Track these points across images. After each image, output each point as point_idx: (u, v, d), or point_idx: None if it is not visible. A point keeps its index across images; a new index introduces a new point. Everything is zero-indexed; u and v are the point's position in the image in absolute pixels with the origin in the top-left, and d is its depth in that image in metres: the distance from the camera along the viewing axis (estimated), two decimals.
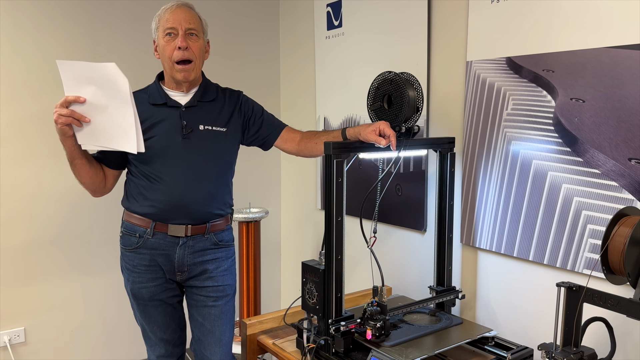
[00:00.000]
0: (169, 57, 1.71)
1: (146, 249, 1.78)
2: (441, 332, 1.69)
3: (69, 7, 2.41)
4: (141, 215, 1.77)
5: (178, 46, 1.69)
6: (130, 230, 1.80)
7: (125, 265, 1.84)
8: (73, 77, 1.52)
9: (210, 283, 1.84)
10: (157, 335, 1.87)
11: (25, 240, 2.39)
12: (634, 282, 1.20)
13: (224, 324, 1.86)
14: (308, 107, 2.81)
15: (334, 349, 1.59)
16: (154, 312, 1.84)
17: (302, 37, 2.84)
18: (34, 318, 2.44)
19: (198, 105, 1.79)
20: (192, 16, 1.73)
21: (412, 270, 2.21)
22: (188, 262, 1.80)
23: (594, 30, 1.53)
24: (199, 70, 1.78)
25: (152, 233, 1.76)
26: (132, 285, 1.82)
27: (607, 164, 1.51)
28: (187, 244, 1.78)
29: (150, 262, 1.79)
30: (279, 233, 3.15)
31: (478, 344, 1.68)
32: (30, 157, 2.38)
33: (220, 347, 1.86)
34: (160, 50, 1.75)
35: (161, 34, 1.73)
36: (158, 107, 1.77)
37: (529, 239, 1.73)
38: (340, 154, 1.56)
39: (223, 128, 1.81)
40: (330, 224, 1.57)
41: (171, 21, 1.70)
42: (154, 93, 1.79)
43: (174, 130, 1.74)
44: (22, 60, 2.33)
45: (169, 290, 1.84)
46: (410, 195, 2.18)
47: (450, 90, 2.00)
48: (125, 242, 1.82)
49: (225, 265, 1.87)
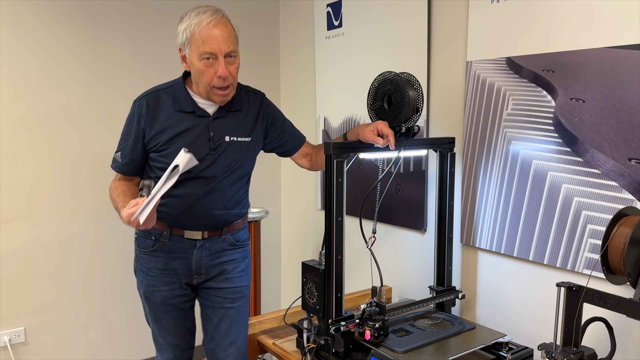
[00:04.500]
0: (208, 83, 1.62)
1: (162, 252, 1.74)
2: (454, 337, 1.66)
3: (70, 6, 2.41)
4: (157, 219, 1.69)
5: (219, 75, 1.59)
6: (146, 232, 1.76)
7: (140, 268, 1.81)
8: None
9: (227, 284, 1.81)
10: (166, 339, 1.84)
11: (25, 240, 2.39)
12: (634, 282, 1.20)
13: (239, 325, 1.84)
14: (308, 107, 2.81)
15: (334, 349, 1.59)
16: (164, 316, 1.81)
17: (302, 37, 2.84)
18: (34, 318, 2.44)
19: (226, 116, 1.73)
20: (229, 35, 1.60)
21: (412, 270, 2.21)
22: (205, 264, 1.77)
23: (594, 30, 1.53)
24: (235, 88, 1.70)
25: (168, 236, 1.73)
26: (145, 288, 1.79)
27: (607, 164, 1.51)
28: (204, 245, 1.75)
29: (165, 265, 1.75)
30: (279, 233, 3.15)
31: (492, 350, 1.64)
32: (30, 157, 2.38)
33: (236, 349, 1.83)
34: (195, 71, 1.63)
35: (195, 54, 1.59)
36: (185, 115, 1.68)
37: (529, 239, 1.73)
38: (340, 154, 1.56)
39: (247, 138, 1.76)
40: (330, 224, 1.57)
41: (209, 45, 1.57)
42: (180, 98, 1.69)
43: (201, 141, 1.67)
44: (22, 60, 2.33)
45: (182, 295, 1.80)
46: (410, 195, 2.18)
47: (450, 90, 2.00)
48: (140, 244, 1.79)
49: (242, 266, 1.84)
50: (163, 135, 1.67)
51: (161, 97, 1.69)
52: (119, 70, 2.54)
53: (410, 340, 1.61)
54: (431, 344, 1.60)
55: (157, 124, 1.68)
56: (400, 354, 1.52)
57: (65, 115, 2.43)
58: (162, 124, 1.68)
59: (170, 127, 1.66)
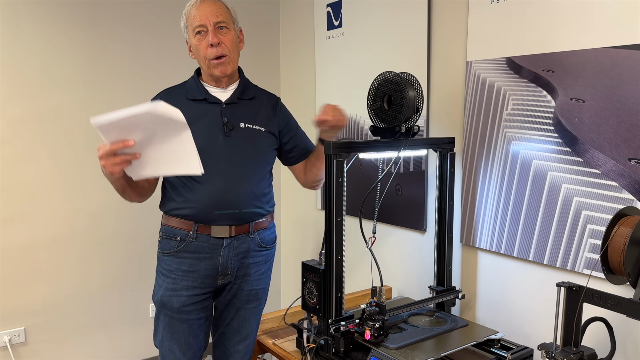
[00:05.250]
0: (204, 57, 1.67)
1: (188, 252, 1.69)
2: (446, 334, 1.68)
3: (69, 7, 2.41)
4: (182, 218, 1.69)
5: (210, 43, 1.63)
6: (170, 234, 1.71)
7: (161, 270, 1.74)
8: (115, 128, 1.36)
9: (245, 286, 1.78)
10: (175, 355, 1.73)
11: (25, 240, 2.39)
12: (634, 282, 1.20)
13: (251, 325, 1.83)
14: (308, 107, 2.81)
15: (334, 349, 1.59)
16: (179, 327, 1.71)
17: (302, 37, 2.84)
18: (34, 318, 2.44)
19: (238, 103, 1.74)
20: (218, 8, 1.67)
21: (412, 270, 2.21)
22: (232, 264, 1.73)
23: (594, 30, 1.53)
24: (235, 63, 1.73)
25: (195, 236, 1.69)
26: (163, 292, 1.71)
27: (607, 164, 1.51)
28: (231, 244, 1.71)
29: (190, 267, 1.70)
30: (279, 233, 3.15)
31: (484, 347, 1.66)
32: (30, 157, 2.38)
33: (244, 346, 1.82)
34: (194, 50, 1.70)
35: (191, 34, 1.67)
36: (197, 103, 1.71)
37: (529, 239, 1.73)
38: (340, 154, 1.56)
39: (262, 127, 1.76)
40: (330, 224, 1.56)
41: (198, 18, 1.64)
42: (192, 88, 1.73)
43: (215, 127, 1.68)
44: (21, 60, 2.33)
45: (201, 302, 1.73)
46: (410, 195, 2.18)
47: (450, 90, 2.00)
48: (163, 246, 1.74)
49: (263, 269, 1.81)
50: None
51: (174, 91, 1.72)
52: (119, 70, 2.54)
53: (404, 337, 1.62)
54: (424, 340, 1.62)
55: None
56: (393, 351, 1.53)
57: (65, 115, 2.43)
58: None
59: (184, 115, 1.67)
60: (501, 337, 1.67)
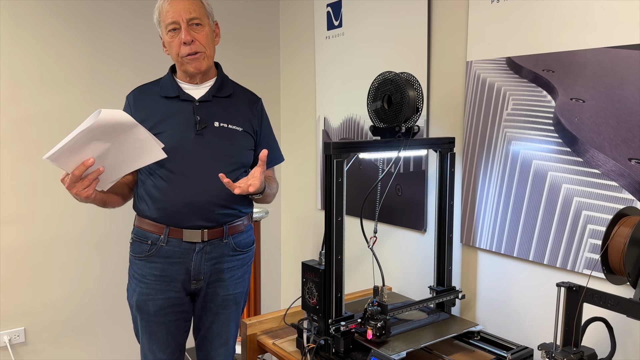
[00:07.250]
0: (177, 54, 1.64)
1: (159, 257, 1.67)
2: (428, 326, 1.71)
3: (69, 7, 2.41)
4: (153, 220, 1.66)
5: (183, 41, 1.60)
6: (142, 236, 1.70)
7: (133, 274, 1.73)
8: (69, 154, 1.39)
9: (221, 291, 1.77)
10: (155, 355, 1.74)
11: (25, 240, 2.39)
12: (634, 282, 1.20)
13: (230, 330, 1.84)
14: (308, 107, 2.81)
15: (334, 349, 1.59)
16: (157, 328, 1.72)
17: (302, 37, 2.84)
18: (34, 318, 2.44)
19: (213, 101, 1.70)
20: (191, 3, 1.62)
21: (412, 270, 2.21)
22: (205, 270, 1.71)
23: (594, 30, 1.53)
24: (210, 59, 1.69)
25: (166, 240, 1.66)
26: (138, 297, 1.70)
27: (607, 164, 1.51)
28: (204, 249, 1.69)
29: (162, 272, 1.68)
30: (279, 233, 3.15)
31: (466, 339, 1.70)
32: (30, 157, 2.38)
33: (225, 350, 1.84)
34: (167, 46, 1.67)
35: (164, 30, 1.64)
36: (170, 101, 1.68)
37: (529, 239, 1.73)
38: (340, 154, 1.56)
39: (239, 127, 1.72)
40: (330, 224, 1.56)
41: (171, 14, 1.61)
42: (166, 85, 1.71)
43: (187, 126, 1.65)
44: (21, 60, 2.33)
45: (178, 305, 1.73)
46: (410, 195, 2.18)
47: (450, 90, 2.00)
48: (135, 249, 1.72)
49: (239, 273, 1.80)
50: (148, 121, 1.63)
51: (148, 88, 1.70)
52: (119, 70, 2.54)
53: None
54: (405, 332, 1.64)
55: (143, 111, 1.68)
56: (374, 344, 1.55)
57: (65, 115, 2.43)
58: (147, 111, 1.68)
59: (155, 113, 1.66)
60: (481, 329, 1.71)
